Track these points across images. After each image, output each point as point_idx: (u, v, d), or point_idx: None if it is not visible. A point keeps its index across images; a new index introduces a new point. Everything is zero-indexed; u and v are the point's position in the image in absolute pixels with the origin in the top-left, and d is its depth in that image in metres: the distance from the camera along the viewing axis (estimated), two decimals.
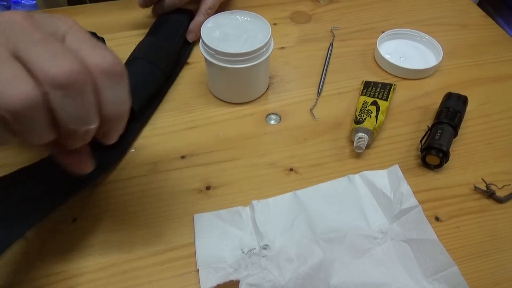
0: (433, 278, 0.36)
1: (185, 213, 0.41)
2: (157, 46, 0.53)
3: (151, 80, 0.50)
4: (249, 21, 0.49)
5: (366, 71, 0.57)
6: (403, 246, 0.39)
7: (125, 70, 0.30)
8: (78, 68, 0.25)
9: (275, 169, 0.45)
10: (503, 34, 0.63)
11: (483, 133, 0.49)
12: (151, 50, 0.52)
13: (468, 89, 0.54)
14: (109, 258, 0.38)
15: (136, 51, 0.52)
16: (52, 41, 0.26)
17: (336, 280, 0.36)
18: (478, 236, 0.40)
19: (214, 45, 0.46)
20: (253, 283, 0.35)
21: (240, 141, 0.48)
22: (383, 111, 0.48)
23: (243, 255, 0.38)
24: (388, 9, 0.67)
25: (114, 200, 0.42)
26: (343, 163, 0.46)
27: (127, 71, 0.52)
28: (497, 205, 0.43)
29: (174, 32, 0.55)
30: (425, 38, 0.59)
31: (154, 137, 0.48)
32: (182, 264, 0.38)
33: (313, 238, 0.38)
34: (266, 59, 0.48)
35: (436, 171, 0.45)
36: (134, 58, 0.51)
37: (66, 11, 0.65)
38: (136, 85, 0.48)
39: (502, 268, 0.38)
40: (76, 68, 0.25)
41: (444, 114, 0.47)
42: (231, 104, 0.52)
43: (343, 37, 0.62)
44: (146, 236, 0.40)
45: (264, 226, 0.39)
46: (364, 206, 0.41)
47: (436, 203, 0.43)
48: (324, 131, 0.49)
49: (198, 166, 0.45)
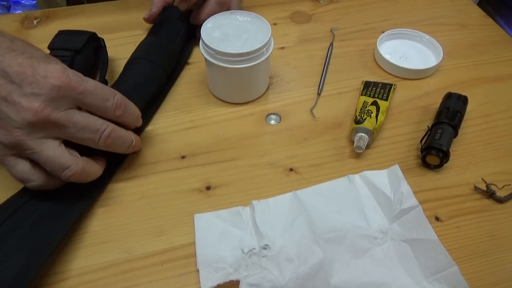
0: (433, 278, 0.36)
1: (185, 213, 0.41)
2: (158, 46, 0.53)
3: (153, 80, 0.50)
4: (249, 21, 0.49)
5: (366, 71, 0.57)
6: (403, 246, 0.39)
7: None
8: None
9: (275, 169, 0.45)
10: (503, 34, 0.63)
11: (483, 133, 0.49)
12: (152, 50, 0.52)
13: (468, 89, 0.54)
14: (109, 258, 0.38)
15: (137, 51, 0.52)
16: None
17: (336, 280, 0.36)
18: (478, 236, 0.40)
19: (214, 45, 0.46)
20: (253, 283, 0.35)
21: (240, 141, 0.48)
22: (383, 111, 0.48)
23: (243, 255, 0.38)
24: (388, 9, 0.67)
25: (114, 200, 0.42)
26: (343, 163, 0.46)
27: (129, 70, 0.52)
28: (497, 205, 0.43)
29: (175, 32, 0.55)
30: (425, 38, 0.59)
31: (154, 137, 0.48)
32: (182, 264, 0.38)
33: (313, 238, 0.38)
34: (266, 59, 0.48)
35: (436, 171, 0.45)
36: (136, 58, 0.51)
37: (66, 11, 0.65)
38: (138, 85, 0.48)
39: (502, 268, 0.38)
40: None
41: (444, 114, 0.47)
42: (231, 104, 0.52)
43: (343, 37, 0.62)
44: (146, 236, 0.40)
45: (264, 226, 0.39)
46: (364, 206, 0.41)
47: (436, 203, 0.43)
48: (324, 131, 0.49)
49: (198, 166, 0.45)
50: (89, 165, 0.38)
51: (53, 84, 0.34)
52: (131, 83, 0.48)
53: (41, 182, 0.37)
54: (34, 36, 0.61)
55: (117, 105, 0.38)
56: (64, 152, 0.36)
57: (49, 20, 0.63)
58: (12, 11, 1.62)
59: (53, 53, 0.49)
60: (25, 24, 0.63)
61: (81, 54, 0.50)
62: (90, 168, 0.39)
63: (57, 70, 0.35)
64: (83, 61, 0.50)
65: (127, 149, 0.41)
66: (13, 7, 1.65)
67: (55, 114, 0.34)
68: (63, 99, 0.35)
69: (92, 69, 0.54)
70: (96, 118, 0.37)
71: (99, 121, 0.37)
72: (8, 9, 1.65)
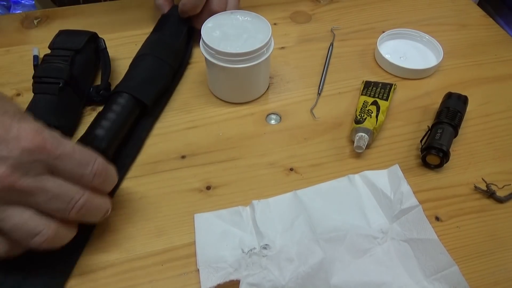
0: (433, 278, 0.36)
1: (185, 213, 0.41)
2: (163, 43, 0.53)
3: (161, 75, 0.50)
4: (249, 21, 0.49)
5: (366, 71, 0.57)
6: (403, 246, 0.39)
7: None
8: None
9: (275, 169, 0.45)
10: (503, 34, 0.63)
11: (483, 133, 0.49)
12: (158, 46, 0.52)
13: (468, 89, 0.54)
14: (109, 258, 0.38)
15: (143, 47, 0.53)
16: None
17: (336, 279, 0.36)
18: (478, 236, 0.40)
19: (214, 45, 0.46)
20: (253, 283, 0.35)
21: (240, 141, 0.48)
22: (383, 111, 0.48)
23: (244, 254, 0.38)
24: (388, 9, 0.67)
25: (114, 200, 0.42)
26: (343, 163, 0.46)
27: (137, 67, 0.52)
28: (497, 205, 0.43)
29: (179, 30, 0.56)
30: (425, 38, 0.59)
31: (154, 137, 0.48)
32: (183, 264, 0.38)
33: (314, 238, 0.38)
34: (266, 59, 0.48)
35: (436, 171, 0.45)
36: (142, 55, 0.51)
37: (66, 11, 0.65)
38: (147, 80, 0.49)
39: (502, 268, 0.38)
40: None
41: (444, 114, 0.47)
42: (231, 104, 0.52)
43: (343, 37, 0.62)
44: (146, 236, 0.40)
45: (265, 225, 0.39)
46: (364, 206, 0.41)
47: (436, 203, 0.43)
48: (324, 131, 0.49)
49: (198, 166, 0.45)
50: (62, 227, 0.33)
51: (24, 147, 0.30)
52: (139, 79, 0.48)
53: (4, 251, 0.33)
54: (34, 36, 0.61)
55: (96, 172, 0.33)
56: (32, 215, 0.31)
57: (49, 20, 0.63)
58: (12, 11, 1.62)
59: (53, 53, 0.49)
60: (25, 24, 0.63)
61: (82, 54, 0.50)
62: (64, 230, 0.33)
63: (31, 130, 0.31)
64: (84, 61, 0.50)
65: (101, 218, 0.36)
66: (13, 7, 1.65)
67: (22, 181, 0.30)
68: (35, 164, 0.31)
69: (93, 70, 0.54)
70: (70, 186, 0.32)
71: (73, 190, 0.32)
72: (8, 9, 1.64)
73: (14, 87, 0.53)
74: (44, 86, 0.46)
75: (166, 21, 0.56)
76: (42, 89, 0.46)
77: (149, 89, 0.48)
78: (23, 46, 0.59)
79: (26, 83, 0.52)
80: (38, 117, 0.44)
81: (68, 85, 0.47)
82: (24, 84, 0.53)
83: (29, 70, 0.48)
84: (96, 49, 0.54)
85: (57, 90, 0.46)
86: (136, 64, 0.51)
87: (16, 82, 0.54)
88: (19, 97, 0.52)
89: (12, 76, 0.55)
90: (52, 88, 0.46)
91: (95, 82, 0.54)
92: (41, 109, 0.45)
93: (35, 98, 0.46)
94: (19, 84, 0.53)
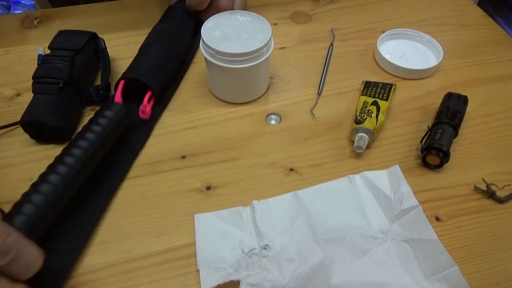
0: (433, 278, 0.36)
1: (185, 213, 0.41)
2: (170, 33, 0.54)
3: (168, 63, 0.51)
4: (249, 21, 0.49)
5: (366, 71, 0.57)
6: (404, 246, 0.39)
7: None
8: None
9: (275, 169, 0.45)
10: (503, 34, 0.63)
11: (483, 133, 0.49)
12: (165, 36, 0.53)
13: (468, 89, 0.54)
14: (109, 258, 0.38)
15: (150, 37, 0.53)
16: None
17: (336, 280, 0.36)
18: (478, 236, 0.40)
19: (214, 45, 0.46)
20: (253, 283, 0.35)
21: (240, 141, 0.48)
22: (383, 111, 0.48)
23: (244, 255, 0.38)
24: (388, 9, 0.67)
25: (114, 200, 0.42)
26: (343, 163, 0.46)
27: (144, 54, 0.52)
28: (498, 205, 0.43)
29: (185, 22, 0.56)
30: (425, 38, 0.59)
31: (154, 137, 0.48)
32: (183, 264, 0.38)
33: (314, 238, 0.38)
34: (266, 59, 0.48)
35: (436, 171, 0.45)
36: (149, 43, 0.52)
37: (66, 11, 0.65)
38: (155, 67, 0.49)
39: (502, 268, 0.38)
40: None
41: (444, 114, 0.47)
42: (231, 104, 0.52)
43: (343, 37, 0.62)
44: (146, 236, 0.40)
45: (265, 226, 0.39)
46: (364, 206, 0.41)
47: (437, 203, 0.43)
48: (324, 131, 0.49)
49: (198, 166, 0.45)
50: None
51: None
52: (147, 66, 0.49)
53: None
54: (34, 36, 0.61)
55: (2, 250, 0.26)
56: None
57: (49, 20, 0.63)
58: (12, 11, 1.62)
59: (53, 53, 0.49)
60: (25, 24, 0.63)
61: (82, 54, 0.50)
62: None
63: None
64: (84, 61, 0.50)
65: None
66: (13, 7, 1.65)
67: None
68: None
69: (93, 70, 0.54)
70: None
71: None
72: (8, 9, 1.64)
73: (14, 87, 0.53)
74: (44, 86, 0.46)
75: (173, 12, 0.57)
76: (42, 89, 0.46)
77: (157, 76, 0.49)
78: (23, 46, 0.59)
79: (26, 83, 0.52)
80: (38, 117, 0.44)
81: (68, 85, 0.47)
82: (24, 84, 0.53)
83: (29, 70, 0.48)
84: (96, 49, 0.54)
85: (57, 90, 0.46)
86: (144, 51, 0.51)
87: (16, 82, 0.54)
88: (19, 97, 0.52)
89: (12, 76, 0.55)
90: (52, 88, 0.46)
91: (95, 82, 0.54)
92: (41, 109, 0.45)
93: (35, 98, 0.46)
94: (19, 84, 0.53)
